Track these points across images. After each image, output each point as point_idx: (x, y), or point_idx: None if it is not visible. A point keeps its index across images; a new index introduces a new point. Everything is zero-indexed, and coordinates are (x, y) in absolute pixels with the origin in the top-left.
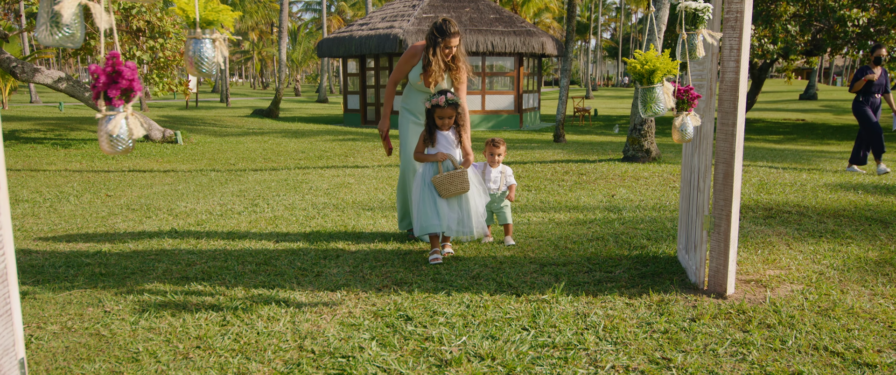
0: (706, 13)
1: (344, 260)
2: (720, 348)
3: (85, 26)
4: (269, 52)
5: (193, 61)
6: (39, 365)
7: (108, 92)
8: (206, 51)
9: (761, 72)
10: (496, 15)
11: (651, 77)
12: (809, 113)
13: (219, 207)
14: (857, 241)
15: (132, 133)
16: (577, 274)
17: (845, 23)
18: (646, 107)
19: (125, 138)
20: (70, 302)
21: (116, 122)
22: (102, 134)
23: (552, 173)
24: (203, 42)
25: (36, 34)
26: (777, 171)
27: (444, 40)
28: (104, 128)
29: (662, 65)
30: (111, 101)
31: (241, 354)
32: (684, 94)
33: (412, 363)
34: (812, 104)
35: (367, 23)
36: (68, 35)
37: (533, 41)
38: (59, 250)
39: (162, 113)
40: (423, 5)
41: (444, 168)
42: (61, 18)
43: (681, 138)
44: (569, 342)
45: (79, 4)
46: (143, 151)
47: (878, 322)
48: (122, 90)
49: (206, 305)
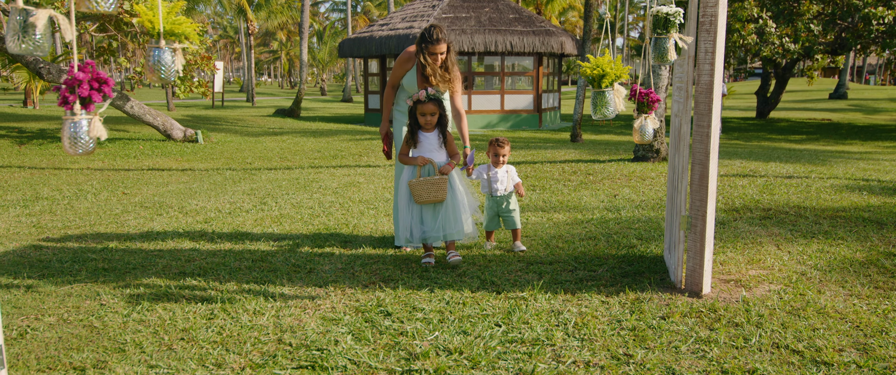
0: (677, 17)
1: (338, 258)
2: (683, 345)
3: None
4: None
5: (153, 68)
6: (31, 354)
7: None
8: (165, 59)
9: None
10: (516, 14)
11: (600, 81)
12: (837, 112)
13: (228, 205)
14: (848, 242)
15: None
16: (561, 272)
17: (870, 21)
18: (596, 109)
19: (86, 140)
20: (70, 295)
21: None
22: (67, 136)
23: (560, 173)
24: (162, 50)
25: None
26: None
27: (429, 47)
28: (70, 130)
29: (611, 70)
30: (89, 106)
31: (221, 346)
32: (644, 97)
33: (383, 356)
34: (841, 103)
35: (387, 23)
36: (37, 44)
37: (552, 41)
38: (68, 246)
39: (188, 112)
40: (443, 5)
41: (424, 172)
42: (34, 30)
43: (640, 139)
44: (537, 338)
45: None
46: (164, 150)
47: (847, 322)
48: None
49: (198, 299)
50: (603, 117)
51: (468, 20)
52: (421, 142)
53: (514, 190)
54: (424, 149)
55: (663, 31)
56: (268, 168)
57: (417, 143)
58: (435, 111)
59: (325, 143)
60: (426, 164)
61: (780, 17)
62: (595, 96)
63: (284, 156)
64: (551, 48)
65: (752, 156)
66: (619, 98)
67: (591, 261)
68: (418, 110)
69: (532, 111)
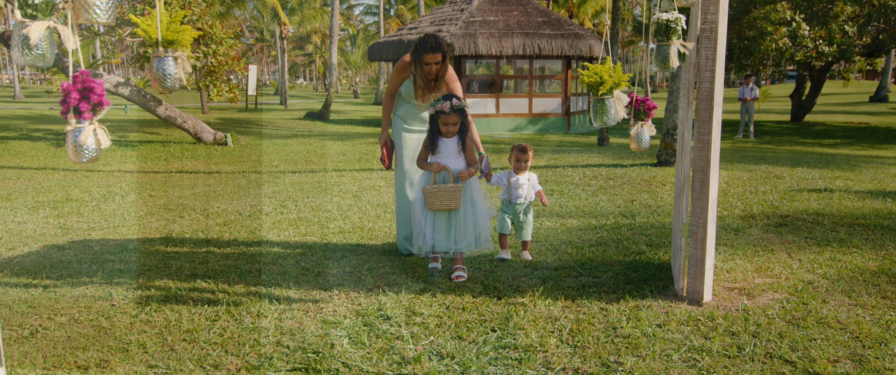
0: (679, 24)
1: (347, 262)
2: (675, 354)
3: (55, 46)
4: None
5: (158, 77)
6: (39, 353)
7: (79, 106)
8: (169, 68)
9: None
10: (544, 18)
11: (599, 88)
12: (876, 116)
13: (249, 208)
14: (862, 251)
15: (100, 144)
16: (565, 278)
17: None
18: (596, 116)
19: (93, 148)
20: (84, 295)
21: (86, 134)
22: (70, 144)
23: (580, 177)
24: (166, 60)
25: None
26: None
27: (422, 57)
28: (72, 139)
29: (609, 77)
30: (82, 115)
31: (221, 347)
32: (641, 105)
33: (376, 360)
34: (881, 107)
35: (416, 27)
36: (39, 55)
37: (581, 44)
38: (90, 247)
39: (221, 115)
40: (472, 9)
41: (439, 179)
42: (30, 41)
43: (637, 146)
44: (531, 344)
45: (47, 28)
46: (194, 153)
47: (847, 332)
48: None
49: (205, 300)
50: (603, 124)
51: (496, 23)
52: (439, 148)
53: (534, 199)
54: (442, 155)
55: (664, 38)
56: (292, 171)
57: (436, 149)
58: (457, 121)
59: (351, 146)
60: (441, 170)
61: (813, 19)
62: (595, 103)
63: (309, 159)
64: (580, 51)
65: (780, 161)
66: (620, 105)
67: (596, 267)
68: (440, 119)
69: (561, 114)
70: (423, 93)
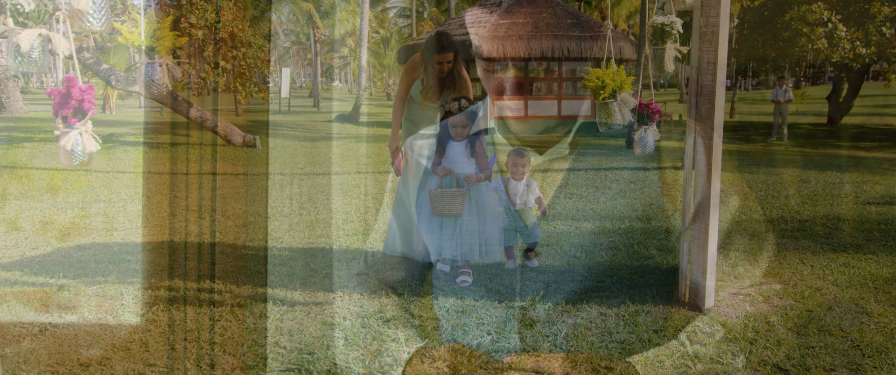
0: (674, 28)
1: (356, 264)
2: (668, 360)
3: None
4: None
5: (144, 84)
6: (44, 350)
7: (61, 111)
8: (155, 74)
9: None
10: (573, 19)
11: (601, 91)
12: None
13: (268, 210)
14: (877, 257)
15: (86, 148)
16: (568, 282)
17: None
18: (601, 120)
19: (80, 153)
20: (97, 294)
21: (71, 138)
22: (60, 149)
23: (602, 180)
24: (152, 67)
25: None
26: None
27: (434, 56)
28: (60, 144)
29: (612, 81)
30: (66, 120)
31: (220, 347)
32: (644, 109)
33: (368, 361)
34: None
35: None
36: (31, 62)
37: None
38: (109, 248)
39: (254, 117)
40: (501, 11)
41: (444, 183)
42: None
43: (642, 151)
44: (523, 348)
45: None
46: (222, 155)
47: (848, 340)
48: (74, 109)
49: (211, 301)
50: (608, 128)
51: (525, 25)
52: (447, 152)
53: (533, 206)
54: (449, 159)
55: (660, 42)
56: (316, 173)
57: (445, 153)
58: (466, 123)
59: (376, 148)
60: (447, 174)
61: (849, 20)
62: (600, 107)
63: (335, 161)
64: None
65: (810, 165)
66: (625, 108)
67: (602, 272)
68: (450, 121)
69: (590, 117)
70: (432, 94)
